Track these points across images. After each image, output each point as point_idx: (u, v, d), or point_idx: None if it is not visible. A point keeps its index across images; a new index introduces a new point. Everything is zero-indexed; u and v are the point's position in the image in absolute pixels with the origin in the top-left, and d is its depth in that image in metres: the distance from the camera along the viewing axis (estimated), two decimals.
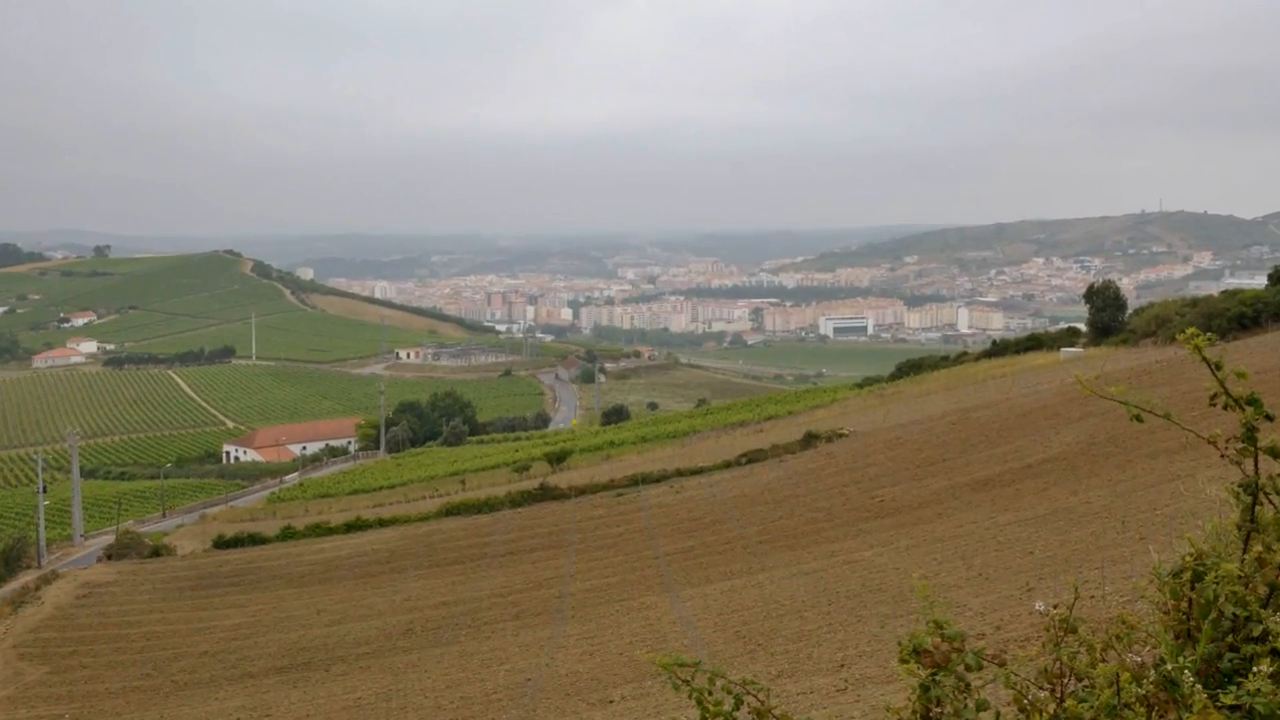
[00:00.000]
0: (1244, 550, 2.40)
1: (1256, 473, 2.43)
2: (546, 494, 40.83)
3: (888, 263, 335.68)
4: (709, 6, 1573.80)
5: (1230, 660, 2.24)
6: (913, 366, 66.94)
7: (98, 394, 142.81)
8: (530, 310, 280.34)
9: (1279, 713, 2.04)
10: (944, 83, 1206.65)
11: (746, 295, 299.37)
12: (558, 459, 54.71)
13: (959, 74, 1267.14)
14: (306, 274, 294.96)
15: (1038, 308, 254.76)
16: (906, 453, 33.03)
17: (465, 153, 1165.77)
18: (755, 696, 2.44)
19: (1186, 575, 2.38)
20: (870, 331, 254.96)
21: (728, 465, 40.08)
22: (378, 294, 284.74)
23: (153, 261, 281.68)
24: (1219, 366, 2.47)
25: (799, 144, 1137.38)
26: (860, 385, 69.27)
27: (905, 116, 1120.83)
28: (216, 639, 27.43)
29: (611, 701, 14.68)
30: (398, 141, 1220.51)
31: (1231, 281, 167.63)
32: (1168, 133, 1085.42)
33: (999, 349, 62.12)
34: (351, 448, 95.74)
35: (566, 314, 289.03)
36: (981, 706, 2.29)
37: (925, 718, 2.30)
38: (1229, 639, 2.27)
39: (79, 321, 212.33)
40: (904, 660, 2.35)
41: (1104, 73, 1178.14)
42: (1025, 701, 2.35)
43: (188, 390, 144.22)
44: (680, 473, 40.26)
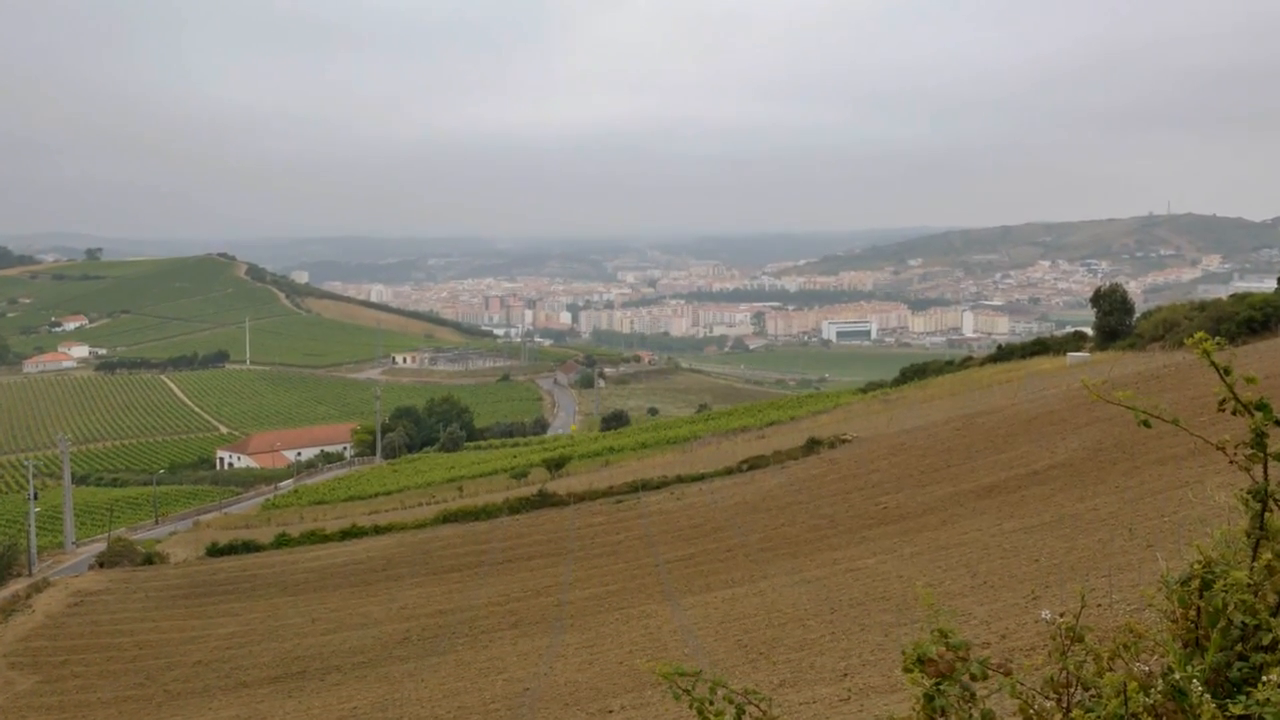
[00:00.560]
0: (1253, 558, 2.40)
1: (1266, 479, 2.44)
2: (545, 501, 40.69)
3: (891, 266, 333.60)
4: (710, 6, 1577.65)
5: (1239, 669, 2.24)
6: (917, 371, 66.82)
7: (89, 399, 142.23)
8: (529, 314, 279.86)
9: None
10: (948, 83, 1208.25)
11: (748, 299, 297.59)
12: (556, 465, 54.56)
13: (963, 74, 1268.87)
14: (301, 277, 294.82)
15: (1044, 311, 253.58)
16: (910, 459, 32.94)
17: (463, 154, 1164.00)
18: (757, 706, 2.45)
19: (1195, 583, 2.38)
20: (874, 336, 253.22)
21: (729, 472, 39.97)
22: (374, 298, 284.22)
23: (145, 265, 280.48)
24: (1228, 371, 2.49)
25: (801, 145, 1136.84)
26: (864, 390, 69.20)
27: (909, 117, 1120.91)
28: (210, 648, 27.27)
29: (611, 711, 14.58)
30: (394, 143, 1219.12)
31: (1241, 285, 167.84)
32: (1175, 134, 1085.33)
33: (1004, 354, 61.96)
34: (347, 454, 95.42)
35: (565, 318, 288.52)
36: (987, 717, 2.30)
37: None
38: (1238, 648, 2.27)
39: (70, 325, 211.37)
40: (908, 669, 2.35)
41: (1111, 73, 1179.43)
42: (1031, 711, 2.35)
43: (181, 395, 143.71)
44: (681, 479, 40.15)
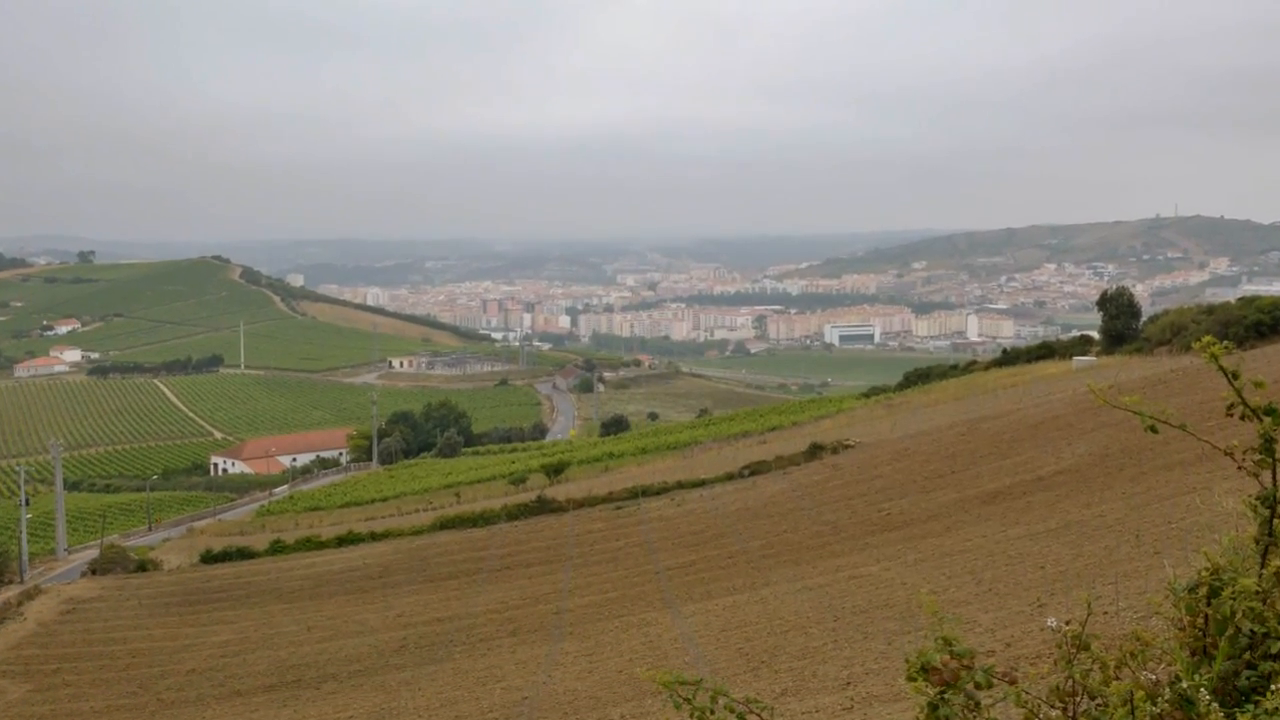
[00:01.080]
0: (1262, 565, 2.40)
1: (1275, 485, 2.43)
2: (544, 507, 40.52)
3: (895, 269, 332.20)
4: (711, 5, 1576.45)
5: (1248, 678, 2.23)
6: (921, 376, 66.46)
7: (81, 404, 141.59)
8: (527, 318, 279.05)
9: None
10: (953, 83, 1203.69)
11: (750, 302, 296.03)
12: (555, 471, 54.35)
13: (968, 74, 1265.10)
14: (297, 280, 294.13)
15: (1049, 315, 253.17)
16: (914, 464, 32.86)
17: (460, 156, 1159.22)
18: (759, 715, 2.44)
19: (1203, 591, 2.37)
20: (877, 340, 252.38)
21: (730, 477, 39.82)
22: (370, 301, 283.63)
23: (138, 268, 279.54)
24: (1236, 375, 2.48)
25: (804, 147, 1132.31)
26: (867, 395, 69.02)
27: (913, 118, 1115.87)
28: (204, 656, 27.10)
29: None
30: (391, 144, 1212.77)
31: (1249, 288, 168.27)
32: (1183, 136, 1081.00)
33: (1009, 358, 61.72)
34: (343, 459, 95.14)
35: (564, 322, 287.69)
36: None
37: None
38: (1246, 656, 2.26)
39: (62, 329, 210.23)
40: (912, 678, 2.34)
41: (1117, 74, 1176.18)
42: None
43: (174, 400, 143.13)
44: (681, 485, 40.02)
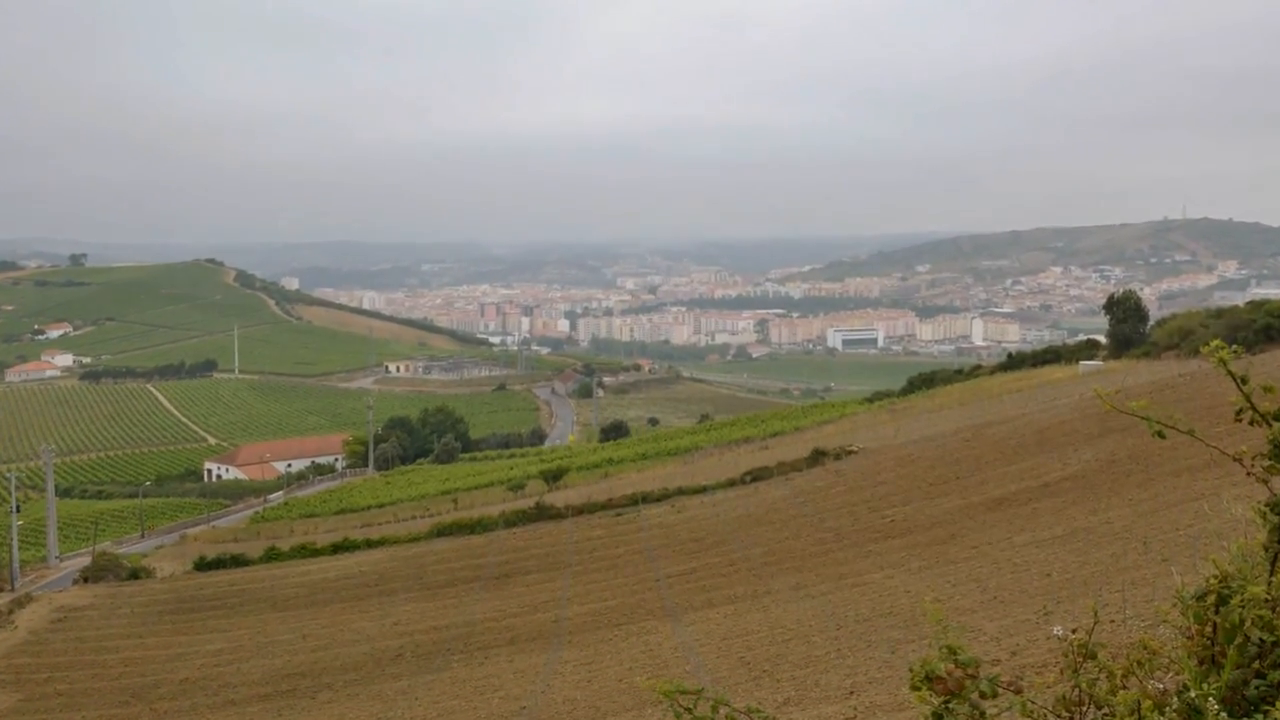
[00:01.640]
0: (1271, 572, 2.38)
1: None
2: (542, 514, 40.36)
3: (899, 272, 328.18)
4: (711, 5, 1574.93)
5: (1256, 687, 2.22)
6: (925, 380, 66.32)
7: (73, 409, 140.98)
8: (525, 322, 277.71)
9: None
10: (955, 81, 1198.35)
11: (751, 306, 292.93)
12: (554, 477, 54.19)
13: (971, 74, 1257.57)
14: (291, 284, 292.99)
15: (1055, 319, 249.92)
16: (918, 471, 32.77)
17: (458, 157, 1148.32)
18: None
19: (1211, 598, 2.36)
20: (881, 344, 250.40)
21: (732, 484, 39.74)
22: (366, 305, 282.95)
23: (131, 271, 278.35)
24: (1245, 380, 2.45)
25: (805, 148, 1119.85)
26: (870, 400, 68.66)
27: (917, 119, 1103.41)
28: (197, 665, 26.93)
29: None
30: (388, 146, 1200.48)
31: (1258, 291, 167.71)
32: (1190, 137, 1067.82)
33: (1015, 362, 61.55)
34: (339, 465, 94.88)
35: (563, 325, 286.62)
36: None
37: None
38: (1255, 665, 2.25)
39: (54, 333, 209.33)
40: (916, 687, 2.32)
41: (1123, 75, 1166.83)
42: None
43: (167, 405, 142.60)
44: (682, 491, 39.89)
